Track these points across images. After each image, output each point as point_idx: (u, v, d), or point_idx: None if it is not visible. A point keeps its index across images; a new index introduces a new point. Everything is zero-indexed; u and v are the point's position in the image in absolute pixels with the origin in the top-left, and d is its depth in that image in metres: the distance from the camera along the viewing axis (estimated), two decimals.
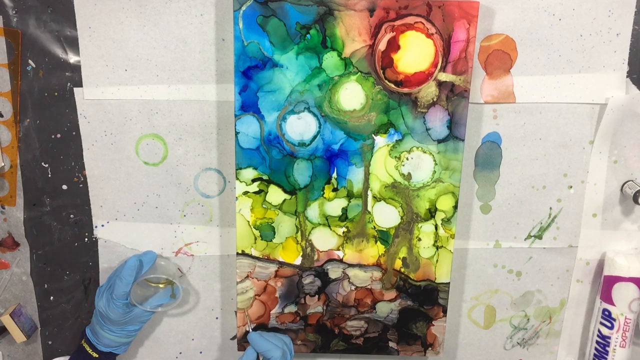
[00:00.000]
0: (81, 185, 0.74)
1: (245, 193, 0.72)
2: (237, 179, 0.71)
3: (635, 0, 0.68)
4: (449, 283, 0.76)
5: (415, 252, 0.74)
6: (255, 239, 0.73)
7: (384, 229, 0.74)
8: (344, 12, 0.65)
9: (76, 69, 0.70)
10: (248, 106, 0.68)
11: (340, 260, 0.75)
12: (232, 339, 0.82)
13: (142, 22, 0.68)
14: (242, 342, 0.78)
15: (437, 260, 0.75)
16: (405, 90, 0.68)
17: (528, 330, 0.82)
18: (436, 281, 0.76)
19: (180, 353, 0.82)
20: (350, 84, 0.68)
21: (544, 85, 0.71)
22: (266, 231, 0.73)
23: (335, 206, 0.73)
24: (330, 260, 0.75)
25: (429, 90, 0.68)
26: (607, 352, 0.78)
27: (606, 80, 0.71)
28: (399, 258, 0.75)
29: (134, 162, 0.73)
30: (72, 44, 0.69)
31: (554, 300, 0.81)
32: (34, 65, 0.70)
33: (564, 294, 0.81)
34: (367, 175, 0.72)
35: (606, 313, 0.77)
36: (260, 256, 0.74)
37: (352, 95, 0.69)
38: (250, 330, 0.75)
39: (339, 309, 0.77)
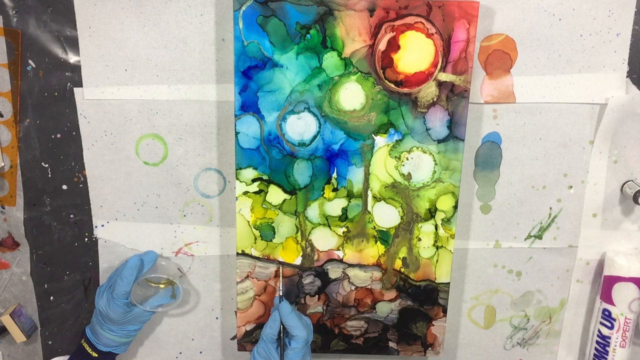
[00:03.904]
0: (81, 185, 0.74)
1: (245, 193, 0.72)
2: (237, 179, 0.71)
3: (635, 0, 0.68)
4: (449, 283, 0.76)
5: (415, 252, 0.74)
6: (255, 239, 0.73)
7: (384, 229, 0.74)
8: (344, 12, 0.65)
9: (76, 69, 0.70)
10: (248, 106, 0.68)
11: (340, 260, 0.75)
12: (232, 339, 0.82)
13: (142, 22, 0.68)
14: (242, 341, 0.78)
15: (437, 260, 0.75)
16: (405, 90, 0.68)
17: (528, 330, 0.82)
18: (436, 281, 0.76)
19: (180, 353, 0.82)
20: (350, 84, 0.68)
21: (544, 85, 0.71)
22: (266, 231, 0.73)
23: (335, 206, 0.73)
24: (330, 260, 0.75)
25: (429, 90, 0.68)
26: (607, 352, 0.78)
27: (606, 80, 0.71)
28: (399, 258, 0.75)
29: (134, 162, 0.73)
30: (72, 44, 0.69)
31: (554, 300, 0.81)
32: (34, 65, 0.70)
33: (564, 294, 0.81)
34: (367, 175, 0.72)
35: (606, 313, 0.77)
36: (260, 256, 0.74)
37: (352, 95, 0.69)
38: (282, 295, 0.74)
39: (339, 309, 0.77)
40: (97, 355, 0.72)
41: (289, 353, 0.69)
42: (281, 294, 0.74)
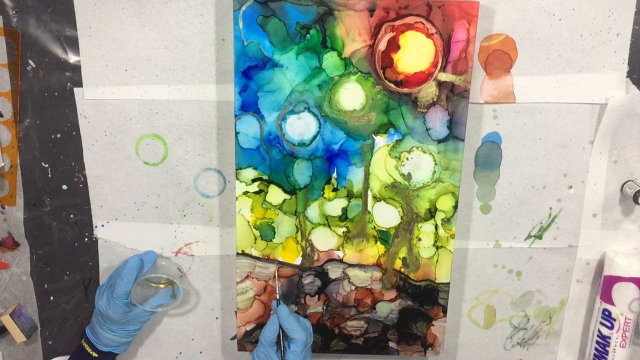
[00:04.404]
0: (81, 185, 0.74)
1: (245, 193, 0.72)
2: (237, 179, 0.71)
3: (635, 0, 0.68)
4: (449, 283, 0.76)
5: (415, 252, 0.74)
6: (255, 239, 0.73)
7: (384, 229, 0.74)
8: (344, 12, 0.65)
9: (76, 69, 0.70)
10: (248, 106, 0.68)
11: (340, 260, 0.75)
12: (232, 339, 0.82)
13: (142, 22, 0.68)
14: (242, 341, 0.78)
15: (437, 260, 0.75)
16: (405, 90, 0.68)
17: (528, 330, 0.82)
18: (436, 281, 0.76)
19: (180, 353, 0.82)
20: (350, 84, 0.68)
21: (544, 85, 0.71)
22: (266, 231, 0.73)
23: (335, 206, 0.73)
24: (330, 260, 0.75)
25: (429, 90, 0.68)
26: (607, 352, 0.78)
27: (606, 80, 0.71)
28: (399, 258, 0.75)
29: (134, 162, 0.73)
30: (72, 44, 0.69)
31: (554, 300, 0.81)
32: (34, 65, 0.70)
33: (564, 294, 0.81)
34: (367, 175, 0.72)
35: (606, 313, 0.77)
36: (260, 256, 0.74)
37: (352, 95, 0.69)
38: (279, 298, 0.74)
39: (339, 309, 0.77)
40: (97, 355, 0.72)
41: (289, 356, 0.69)
42: (278, 297, 0.74)
